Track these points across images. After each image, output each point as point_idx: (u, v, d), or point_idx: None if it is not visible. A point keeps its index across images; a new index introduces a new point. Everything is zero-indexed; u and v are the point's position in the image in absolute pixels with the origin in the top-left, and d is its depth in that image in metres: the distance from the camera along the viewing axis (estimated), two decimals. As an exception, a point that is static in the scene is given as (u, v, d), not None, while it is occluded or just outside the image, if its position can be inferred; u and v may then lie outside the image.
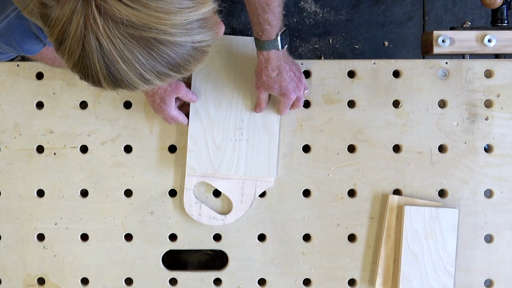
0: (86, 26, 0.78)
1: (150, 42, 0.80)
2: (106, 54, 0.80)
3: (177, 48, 0.82)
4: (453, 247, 1.40)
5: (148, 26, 0.79)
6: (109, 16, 0.78)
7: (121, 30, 0.78)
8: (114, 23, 0.78)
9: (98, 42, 0.79)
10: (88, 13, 0.78)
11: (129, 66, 0.81)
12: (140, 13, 0.78)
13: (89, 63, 0.81)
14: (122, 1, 0.77)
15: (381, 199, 1.41)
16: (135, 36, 0.80)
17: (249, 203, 1.40)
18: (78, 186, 1.40)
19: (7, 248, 1.41)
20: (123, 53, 0.80)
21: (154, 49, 0.81)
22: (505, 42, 1.41)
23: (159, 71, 0.83)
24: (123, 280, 1.42)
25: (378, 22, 2.17)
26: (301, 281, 1.43)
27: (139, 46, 0.80)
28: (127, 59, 0.80)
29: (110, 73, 0.82)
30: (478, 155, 1.41)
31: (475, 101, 1.41)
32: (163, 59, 0.82)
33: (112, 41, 0.79)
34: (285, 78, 1.28)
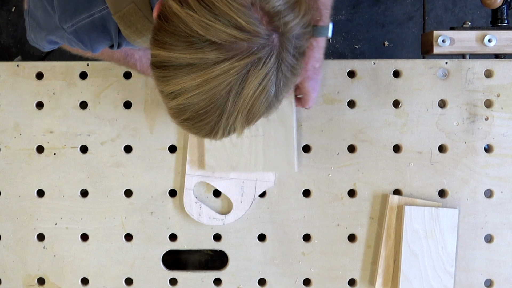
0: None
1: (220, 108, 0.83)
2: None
3: None
4: (453, 247, 1.40)
5: (236, 105, 0.82)
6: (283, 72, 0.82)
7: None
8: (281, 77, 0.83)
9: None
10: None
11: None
12: (250, 96, 0.81)
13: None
14: (260, 83, 0.80)
15: (381, 199, 1.41)
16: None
17: (249, 203, 1.40)
18: (78, 186, 1.40)
19: (7, 248, 1.41)
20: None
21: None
22: (505, 42, 1.41)
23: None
24: (123, 280, 1.42)
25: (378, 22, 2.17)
26: (301, 281, 1.43)
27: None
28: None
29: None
30: (478, 155, 1.41)
31: (475, 101, 1.41)
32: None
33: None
34: (321, 72, 1.22)
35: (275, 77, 0.81)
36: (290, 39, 0.80)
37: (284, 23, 0.79)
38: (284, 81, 0.83)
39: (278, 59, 0.80)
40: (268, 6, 0.79)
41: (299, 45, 0.83)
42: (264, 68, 0.79)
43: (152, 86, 1.39)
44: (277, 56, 0.80)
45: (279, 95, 0.85)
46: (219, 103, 0.80)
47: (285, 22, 0.80)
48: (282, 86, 0.83)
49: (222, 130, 0.84)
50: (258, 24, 0.78)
